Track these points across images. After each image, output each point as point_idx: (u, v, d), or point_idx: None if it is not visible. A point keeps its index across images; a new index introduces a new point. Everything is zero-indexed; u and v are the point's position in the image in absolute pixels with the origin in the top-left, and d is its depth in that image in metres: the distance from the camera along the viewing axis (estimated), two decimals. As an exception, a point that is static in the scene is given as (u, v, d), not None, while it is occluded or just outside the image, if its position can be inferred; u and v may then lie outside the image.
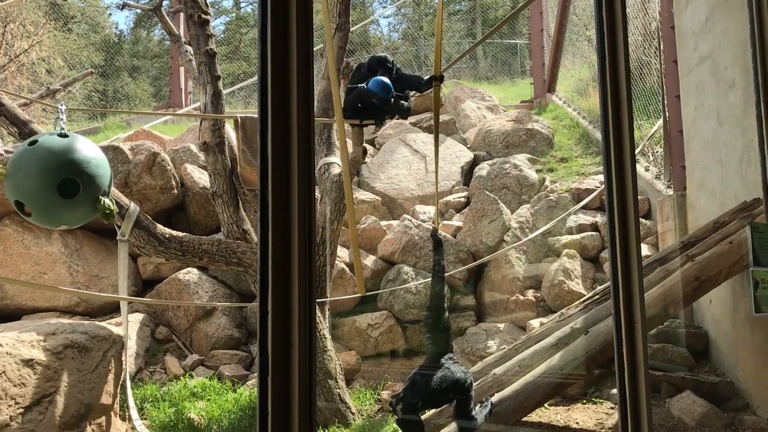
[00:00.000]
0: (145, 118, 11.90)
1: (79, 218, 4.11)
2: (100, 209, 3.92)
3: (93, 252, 7.56)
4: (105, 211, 3.93)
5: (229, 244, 5.75)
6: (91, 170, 3.88)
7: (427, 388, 3.95)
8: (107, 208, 3.93)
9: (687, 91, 6.79)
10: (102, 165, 4.00)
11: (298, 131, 1.69)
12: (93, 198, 3.91)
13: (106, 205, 3.92)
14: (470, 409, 4.10)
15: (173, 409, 5.75)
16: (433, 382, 3.97)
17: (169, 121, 12.18)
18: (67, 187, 3.78)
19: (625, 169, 2.63)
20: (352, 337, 7.17)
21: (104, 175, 3.97)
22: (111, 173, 4.16)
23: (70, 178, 3.77)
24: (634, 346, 2.57)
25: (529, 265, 7.88)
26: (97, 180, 3.92)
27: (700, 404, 5.22)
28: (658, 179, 8.03)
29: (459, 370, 4.12)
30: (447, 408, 5.05)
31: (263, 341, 1.58)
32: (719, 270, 5.07)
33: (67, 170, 3.79)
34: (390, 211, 9.19)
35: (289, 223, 1.65)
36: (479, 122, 11.21)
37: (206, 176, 7.07)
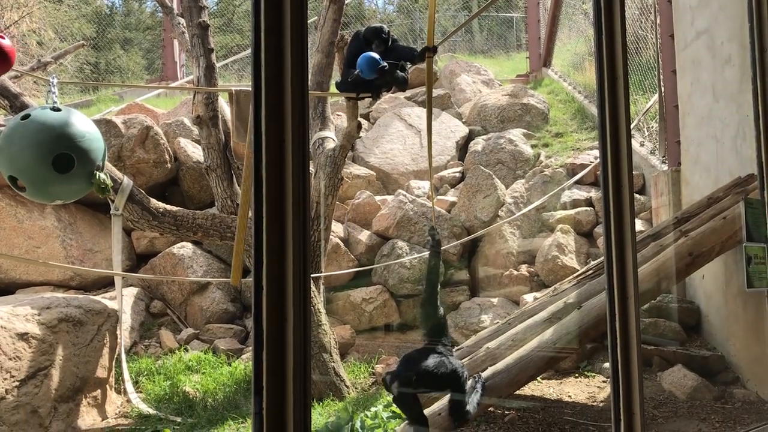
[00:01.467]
0: (138, 92, 11.80)
1: (74, 193, 4.09)
2: (96, 184, 3.89)
3: (87, 226, 7.54)
4: (100, 186, 3.90)
5: (223, 218, 5.73)
6: (85, 144, 3.85)
7: (422, 366, 3.93)
8: (103, 183, 3.91)
9: (683, 66, 6.76)
10: (96, 139, 3.97)
11: (292, 105, 1.67)
12: (88, 172, 3.88)
13: (101, 179, 3.90)
14: (465, 404, 4.11)
15: (168, 383, 5.78)
16: (429, 363, 3.94)
17: (162, 94, 12.08)
18: (62, 162, 3.75)
19: (621, 145, 2.63)
20: (347, 311, 7.20)
21: (99, 149, 3.94)
22: (105, 147, 4.13)
23: (65, 153, 3.74)
24: (627, 321, 2.59)
25: (523, 240, 7.90)
26: (91, 154, 3.89)
27: (691, 378, 5.28)
28: (653, 154, 8.03)
29: (457, 363, 4.12)
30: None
31: (258, 316, 1.58)
32: (712, 245, 5.09)
33: (62, 145, 3.75)
34: (384, 186, 9.18)
35: (284, 198, 1.65)
36: (474, 96, 11.15)
37: (200, 150, 7.03)
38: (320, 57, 6.27)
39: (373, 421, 4.67)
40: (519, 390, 5.06)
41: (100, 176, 3.88)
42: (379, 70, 4.70)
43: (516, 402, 5.11)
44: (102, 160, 3.97)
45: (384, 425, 4.62)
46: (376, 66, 4.71)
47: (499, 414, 4.92)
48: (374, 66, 4.73)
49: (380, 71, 4.72)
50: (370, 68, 4.75)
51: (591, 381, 5.71)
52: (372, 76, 4.77)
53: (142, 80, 16.92)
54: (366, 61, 4.76)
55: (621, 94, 2.64)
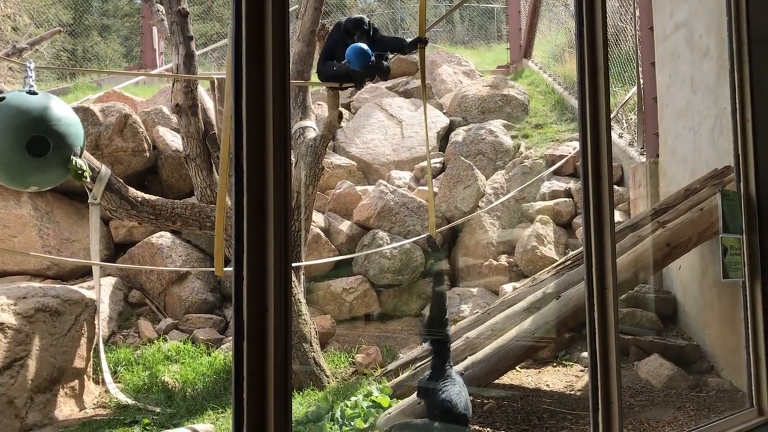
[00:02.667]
0: (116, 79, 11.65)
1: (50, 180, 4.03)
2: (72, 170, 3.84)
3: (64, 215, 7.45)
4: (77, 172, 3.85)
5: (202, 208, 5.69)
6: (62, 128, 3.79)
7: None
8: (79, 169, 3.85)
9: (662, 58, 6.81)
10: (74, 124, 3.91)
11: (273, 94, 1.66)
12: (64, 158, 3.83)
13: (78, 165, 3.84)
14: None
15: (147, 373, 5.75)
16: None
17: (140, 82, 11.94)
18: (37, 145, 3.69)
19: (601, 136, 2.65)
20: (327, 301, 7.20)
21: (76, 135, 3.89)
22: (84, 133, 4.07)
23: (40, 136, 3.68)
24: (605, 311, 2.62)
25: (502, 231, 7.94)
26: (68, 139, 3.83)
27: (667, 367, 5.35)
28: (632, 146, 8.10)
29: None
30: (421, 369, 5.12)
31: (238, 306, 1.57)
32: (689, 236, 5.16)
33: (37, 127, 3.69)
34: (365, 176, 9.17)
35: (264, 188, 1.64)
36: (455, 87, 11.15)
37: (179, 139, 6.96)
38: (301, 46, 6.23)
39: (353, 411, 4.69)
40: (498, 379, 5.10)
41: (76, 162, 3.83)
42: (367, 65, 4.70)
43: (495, 391, 5.15)
44: (81, 146, 3.91)
45: (364, 414, 4.63)
46: (367, 59, 4.71)
47: (478, 403, 4.96)
48: (364, 59, 4.72)
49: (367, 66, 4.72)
50: (359, 60, 4.75)
51: (569, 370, 5.77)
52: (359, 66, 4.77)
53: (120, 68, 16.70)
54: (356, 53, 4.75)
55: (602, 86, 2.66)
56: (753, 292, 3.63)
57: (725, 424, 3.30)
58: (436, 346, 4.40)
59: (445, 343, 4.40)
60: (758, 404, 3.55)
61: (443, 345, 4.39)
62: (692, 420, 4.49)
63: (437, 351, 4.37)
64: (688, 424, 4.39)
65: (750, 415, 3.51)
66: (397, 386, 5.10)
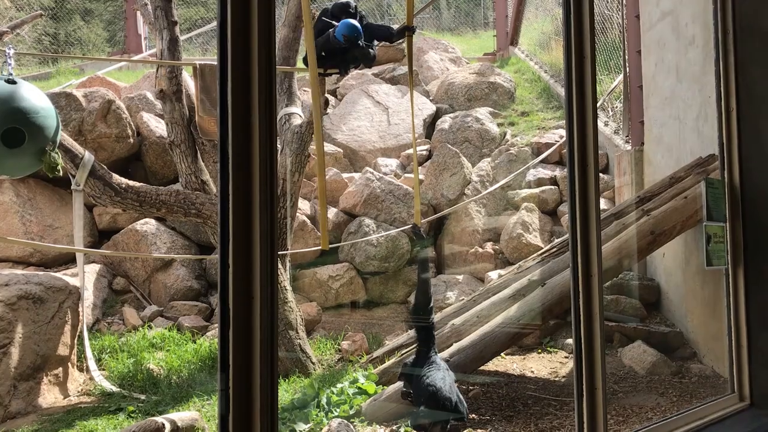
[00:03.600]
0: (99, 64, 11.52)
1: (22, 169, 3.99)
2: (46, 163, 3.80)
3: (46, 201, 7.37)
4: (51, 165, 3.81)
5: (187, 194, 5.66)
6: (39, 121, 3.75)
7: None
8: (53, 162, 3.81)
9: (648, 46, 6.82)
10: (50, 116, 3.86)
11: (259, 80, 1.65)
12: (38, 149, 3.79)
13: (52, 159, 3.80)
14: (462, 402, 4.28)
15: (132, 360, 5.73)
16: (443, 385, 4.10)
17: (124, 67, 11.81)
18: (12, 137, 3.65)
19: (587, 124, 2.65)
20: (313, 288, 7.19)
21: (52, 127, 3.84)
22: (59, 124, 4.03)
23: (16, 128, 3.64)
24: (590, 298, 2.63)
25: (488, 218, 7.96)
26: (44, 131, 3.79)
27: (650, 353, 5.40)
28: (617, 134, 8.13)
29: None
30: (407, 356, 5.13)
31: (224, 295, 1.56)
32: (673, 224, 5.19)
33: (13, 119, 3.65)
34: (352, 163, 9.14)
35: (250, 175, 1.62)
36: (442, 74, 11.13)
37: (163, 125, 6.90)
38: (287, 31, 6.19)
39: (339, 398, 4.70)
40: (483, 366, 5.13)
41: (51, 155, 3.79)
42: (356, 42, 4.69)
43: (480, 377, 5.18)
44: (54, 138, 3.87)
45: (349, 401, 4.64)
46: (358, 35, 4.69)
47: (463, 389, 4.99)
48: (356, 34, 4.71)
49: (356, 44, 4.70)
50: (351, 32, 4.73)
51: (553, 356, 5.82)
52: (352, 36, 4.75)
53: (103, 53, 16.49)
54: (348, 27, 4.74)
55: (588, 74, 2.66)
56: (736, 280, 3.66)
57: (707, 410, 3.33)
58: (421, 333, 4.42)
59: (429, 329, 4.43)
60: (739, 390, 3.60)
61: (428, 331, 4.41)
62: (675, 406, 4.54)
63: (422, 338, 4.40)
64: (671, 409, 4.44)
65: (731, 400, 3.56)
66: (383, 373, 5.11)
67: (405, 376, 4.36)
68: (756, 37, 3.72)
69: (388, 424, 4.39)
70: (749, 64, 3.72)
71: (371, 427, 4.34)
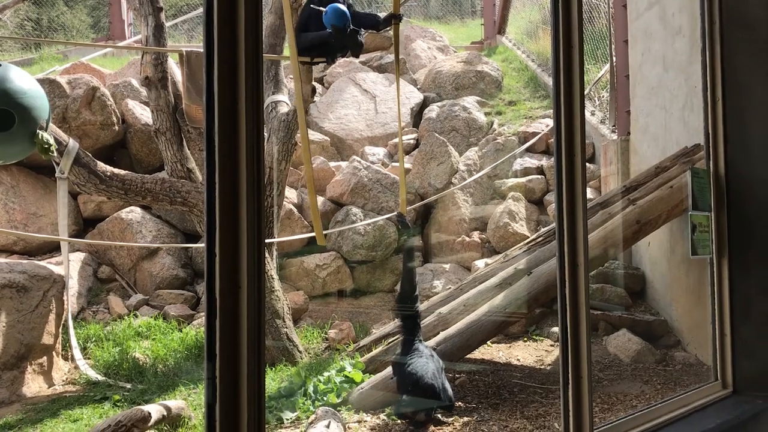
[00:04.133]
0: (83, 51, 11.38)
1: (15, 153, 3.94)
2: (38, 144, 3.76)
3: (30, 189, 7.30)
4: (43, 146, 3.77)
5: (173, 183, 5.62)
6: (27, 101, 3.70)
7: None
8: (46, 143, 3.77)
9: (635, 36, 6.84)
10: (39, 97, 3.82)
11: (246, 67, 1.63)
12: (30, 132, 3.74)
13: (44, 139, 3.76)
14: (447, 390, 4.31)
15: (117, 349, 5.70)
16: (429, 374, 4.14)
17: (108, 54, 11.68)
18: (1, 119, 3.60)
19: (574, 113, 2.65)
20: (300, 277, 7.18)
21: (42, 108, 3.80)
22: (49, 106, 3.98)
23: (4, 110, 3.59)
24: (576, 287, 2.64)
25: (475, 207, 7.98)
26: (33, 112, 3.74)
27: (635, 342, 5.45)
28: (603, 124, 8.15)
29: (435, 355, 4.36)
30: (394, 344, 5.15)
31: (211, 284, 1.56)
32: (659, 214, 5.23)
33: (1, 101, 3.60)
34: (339, 151, 9.12)
35: (237, 163, 1.61)
36: (429, 63, 11.11)
37: (148, 112, 6.84)
38: (273, 18, 6.14)
39: (326, 386, 4.70)
40: (470, 354, 5.15)
41: (42, 135, 3.75)
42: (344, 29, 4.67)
43: (466, 365, 5.21)
44: (46, 119, 3.82)
45: (336, 389, 4.65)
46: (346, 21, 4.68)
47: (450, 377, 5.01)
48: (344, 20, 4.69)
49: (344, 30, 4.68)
50: (338, 20, 4.71)
51: (539, 345, 5.85)
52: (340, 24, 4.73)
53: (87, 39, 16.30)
54: (335, 13, 4.72)
55: (576, 63, 2.66)
56: (720, 269, 3.70)
57: (691, 397, 3.37)
58: (406, 322, 4.44)
59: (414, 318, 4.44)
60: (722, 378, 3.64)
61: (413, 320, 4.43)
62: (659, 393, 4.59)
63: (407, 326, 4.41)
64: (655, 397, 4.48)
65: (715, 388, 3.60)
66: (369, 361, 5.12)
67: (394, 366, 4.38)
68: (742, 27, 3.73)
69: (375, 412, 4.40)
70: (735, 55, 3.74)
71: (358, 415, 4.35)
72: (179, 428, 4.24)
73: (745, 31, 3.72)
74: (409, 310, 4.42)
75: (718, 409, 3.36)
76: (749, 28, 3.71)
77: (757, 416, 3.36)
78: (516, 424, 4.11)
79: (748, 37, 3.71)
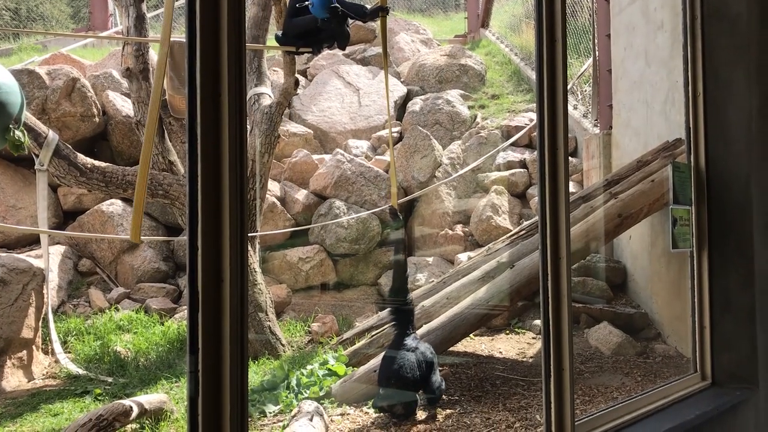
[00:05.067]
0: (63, 41, 11.24)
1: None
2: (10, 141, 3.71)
3: (9, 181, 7.21)
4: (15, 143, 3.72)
5: (154, 175, 5.57)
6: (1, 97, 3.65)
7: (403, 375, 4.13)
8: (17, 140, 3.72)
9: (617, 30, 6.87)
10: (13, 92, 3.76)
11: (228, 59, 1.61)
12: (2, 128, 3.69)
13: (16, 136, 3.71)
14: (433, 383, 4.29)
15: (98, 343, 5.65)
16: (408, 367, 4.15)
17: (89, 44, 11.55)
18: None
19: (557, 108, 2.66)
20: (283, 270, 7.16)
21: (15, 104, 3.74)
22: (23, 101, 3.92)
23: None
24: (558, 280, 2.66)
25: (458, 201, 7.99)
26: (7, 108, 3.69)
27: (616, 334, 5.49)
28: (586, 118, 8.19)
29: (427, 349, 4.34)
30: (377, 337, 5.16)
31: (193, 277, 1.54)
32: (640, 207, 5.27)
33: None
34: (322, 144, 9.09)
35: (220, 156, 1.60)
36: (413, 56, 11.09)
37: (129, 104, 6.78)
38: (256, 10, 6.10)
39: (309, 379, 4.70)
40: (452, 346, 5.17)
41: (15, 132, 3.70)
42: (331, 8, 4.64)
43: (449, 358, 5.22)
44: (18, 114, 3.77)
45: (319, 382, 4.65)
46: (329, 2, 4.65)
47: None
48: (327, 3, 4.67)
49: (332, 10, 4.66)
50: (323, 4, 4.69)
51: (521, 337, 5.89)
52: (323, 15, 4.70)
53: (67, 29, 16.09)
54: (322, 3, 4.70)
55: (559, 58, 2.66)
56: (700, 262, 3.73)
57: (671, 389, 3.40)
58: (397, 315, 4.42)
59: (405, 311, 4.43)
60: (702, 370, 3.68)
61: (404, 313, 4.41)
62: (639, 385, 4.63)
63: (397, 319, 4.40)
64: (636, 389, 4.53)
65: (694, 380, 3.64)
66: (353, 354, 5.12)
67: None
68: (723, 22, 3.76)
69: (358, 405, 4.40)
70: (716, 50, 3.77)
71: (341, 408, 4.35)
72: (161, 422, 4.22)
73: (726, 27, 3.75)
74: (400, 303, 4.41)
75: (697, 401, 3.40)
76: (730, 24, 3.74)
77: (736, 408, 3.41)
78: (498, 416, 4.13)
79: (729, 33, 3.74)
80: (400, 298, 4.42)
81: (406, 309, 4.43)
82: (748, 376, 3.59)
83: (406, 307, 4.44)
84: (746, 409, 3.48)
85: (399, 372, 4.11)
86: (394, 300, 4.46)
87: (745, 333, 3.61)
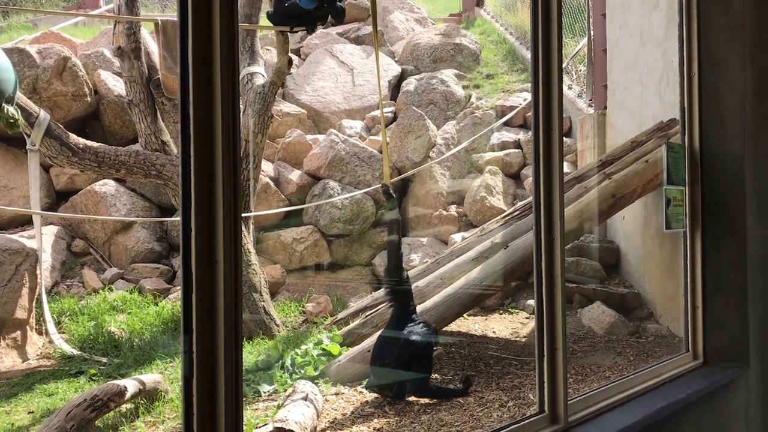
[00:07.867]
0: (54, 19, 11.12)
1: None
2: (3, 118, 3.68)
3: (1, 162, 7.16)
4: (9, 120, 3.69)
5: (147, 155, 5.54)
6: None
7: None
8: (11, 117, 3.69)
9: (613, 10, 6.83)
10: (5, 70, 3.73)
11: (221, 38, 1.60)
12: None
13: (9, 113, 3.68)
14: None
15: (93, 323, 5.66)
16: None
17: (80, 23, 11.43)
18: (-33, 92, 3.51)
19: (552, 87, 2.65)
20: (277, 251, 7.16)
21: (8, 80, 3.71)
22: (16, 79, 3.89)
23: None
24: (552, 261, 2.66)
25: (452, 181, 7.99)
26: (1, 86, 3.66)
27: (608, 314, 5.53)
28: (580, 98, 8.17)
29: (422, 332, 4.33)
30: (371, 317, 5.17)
31: (186, 259, 1.54)
32: (634, 188, 5.27)
33: (-33, 73, 3.51)
34: (316, 124, 9.05)
35: (212, 136, 1.59)
36: (407, 35, 11.02)
37: (121, 83, 6.73)
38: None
39: (303, 359, 4.71)
40: (446, 326, 5.19)
41: (8, 109, 3.67)
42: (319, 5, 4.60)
43: (443, 338, 5.24)
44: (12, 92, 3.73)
45: (314, 362, 4.67)
46: None
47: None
48: None
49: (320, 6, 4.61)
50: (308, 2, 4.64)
51: (515, 317, 5.91)
52: (311, 5, 4.65)
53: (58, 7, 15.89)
54: None
55: (554, 37, 2.64)
56: (693, 243, 3.74)
57: (663, 368, 3.43)
58: (393, 295, 4.43)
59: (401, 291, 4.42)
60: (693, 349, 3.70)
61: (399, 293, 4.41)
62: (632, 365, 4.67)
63: (393, 300, 4.41)
64: (628, 368, 4.56)
65: (686, 359, 3.66)
66: (347, 334, 5.14)
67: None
68: (719, 2, 3.74)
69: (352, 385, 4.42)
70: (712, 30, 3.75)
71: (335, 387, 4.37)
72: (156, 402, 4.23)
73: (721, 6, 3.73)
74: (397, 282, 4.41)
75: (689, 380, 3.43)
76: (726, 4, 3.72)
77: (727, 386, 3.44)
78: (492, 395, 4.16)
79: (725, 13, 3.72)
80: (396, 277, 4.41)
81: (404, 287, 4.43)
82: (740, 355, 3.62)
83: (404, 285, 4.44)
84: (738, 387, 3.51)
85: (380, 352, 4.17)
86: (390, 279, 4.46)
87: (736, 312, 3.63)
